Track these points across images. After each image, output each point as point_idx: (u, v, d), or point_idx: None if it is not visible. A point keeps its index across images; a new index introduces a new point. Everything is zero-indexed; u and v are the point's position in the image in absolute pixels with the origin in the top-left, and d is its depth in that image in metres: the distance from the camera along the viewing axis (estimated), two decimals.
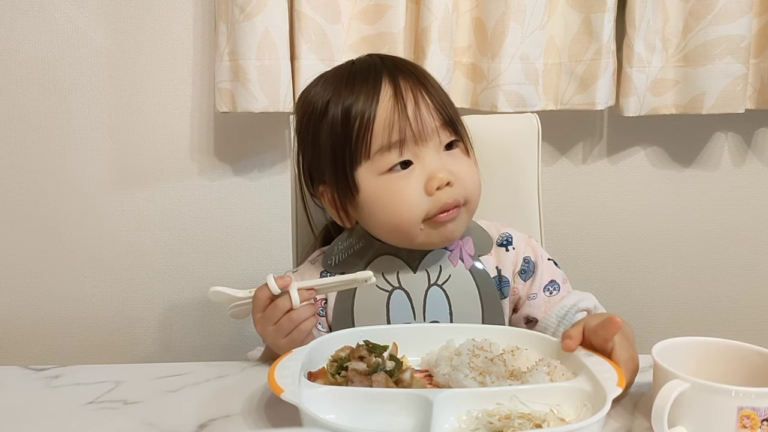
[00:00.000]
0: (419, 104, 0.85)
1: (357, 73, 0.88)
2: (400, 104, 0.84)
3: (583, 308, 0.90)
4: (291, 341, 0.83)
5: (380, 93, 0.85)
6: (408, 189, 0.85)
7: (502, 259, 0.94)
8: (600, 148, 1.52)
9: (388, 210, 0.86)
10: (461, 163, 0.88)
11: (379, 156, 0.85)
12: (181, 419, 0.71)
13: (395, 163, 0.85)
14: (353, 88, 0.86)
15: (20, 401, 0.77)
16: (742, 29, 1.34)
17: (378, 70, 0.87)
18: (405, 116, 0.84)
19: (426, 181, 0.84)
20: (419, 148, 0.85)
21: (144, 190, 1.47)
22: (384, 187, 0.86)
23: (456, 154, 0.88)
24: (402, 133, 0.84)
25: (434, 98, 0.87)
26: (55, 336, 1.52)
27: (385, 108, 0.84)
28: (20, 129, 1.44)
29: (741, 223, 1.55)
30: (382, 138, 0.84)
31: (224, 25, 1.32)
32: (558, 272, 0.95)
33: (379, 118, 0.84)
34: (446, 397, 0.64)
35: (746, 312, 1.58)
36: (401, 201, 0.85)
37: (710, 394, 0.61)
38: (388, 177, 0.86)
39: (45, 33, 1.41)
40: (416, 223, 0.86)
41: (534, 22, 1.35)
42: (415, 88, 0.86)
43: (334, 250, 0.95)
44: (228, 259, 1.50)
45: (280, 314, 0.82)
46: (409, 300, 0.91)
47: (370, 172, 0.86)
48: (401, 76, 0.87)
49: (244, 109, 1.33)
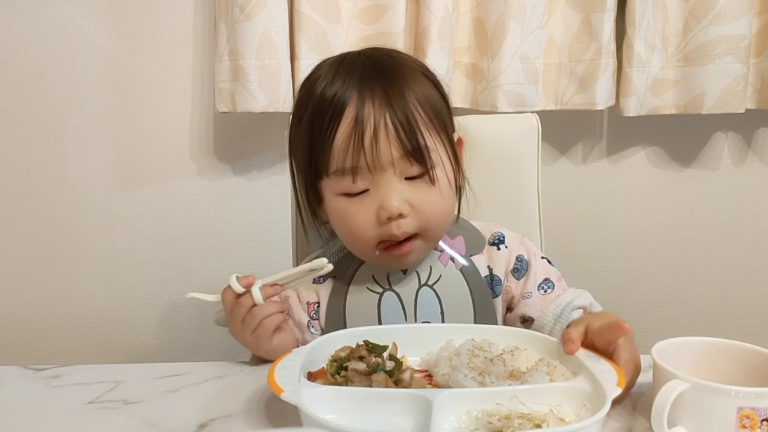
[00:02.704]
0: (378, 134, 0.81)
1: (335, 78, 0.84)
2: (358, 131, 0.81)
3: (579, 306, 0.89)
4: (256, 338, 0.84)
5: (344, 113, 0.82)
6: (360, 214, 0.84)
7: (493, 258, 0.94)
8: (600, 148, 1.52)
9: (343, 230, 0.87)
10: (421, 194, 0.84)
11: (335, 177, 0.84)
12: (181, 419, 0.71)
13: (350, 191, 0.84)
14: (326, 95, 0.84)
15: (20, 401, 0.77)
16: (742, 29, 1.34)
17: (350, 83, 0.83)
18: (360, 145, 0.81)
19: (377, 210, 0.83)
20: (374, 176, 0.82)
21: (144, 190, 1.47)
22: (340, 208, 0.85)
23: (418, 184, 0.84)
24: (356, 161, 0.81)
25: (400, 124, 0.81)
26: (55, 336, 1.52)
27: (344, 132, 0.82)
28: (20, 129, 1.44)
29: (741, 223, 1.55)
30: (338, 161, 0.82)
31: (224, 25, 1.32)
32: (552, 270, 0.95)
33: (338, 141, 0.82)
34: (446, 397, 0.64)
35: (746, 312, 1.58)
36: (354, 225, 0.84)
37: (710, 394, 0.61)
38: (344, 199, 0.85)
39: (45, 33, 1.41)
40: (369, 248, 0.86)
41: (534, 22, 1.35)
42: (379, 112, 0.81)
43: (327, 253, 0.95)
44: (228, 259, 1.50)
45: (244, 312, 0.84)
46: (399, 301, 0.91)
47: (329, 189, 0.86)
48: (370, 94, 0.82)
49: (244, 109, 1.33)
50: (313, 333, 0.93)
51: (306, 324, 0.93)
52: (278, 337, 0.86)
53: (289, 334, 0.89)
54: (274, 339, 0.85)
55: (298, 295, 0.94)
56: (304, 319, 0.93)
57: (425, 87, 0.87)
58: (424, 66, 0.91)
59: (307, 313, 0.93)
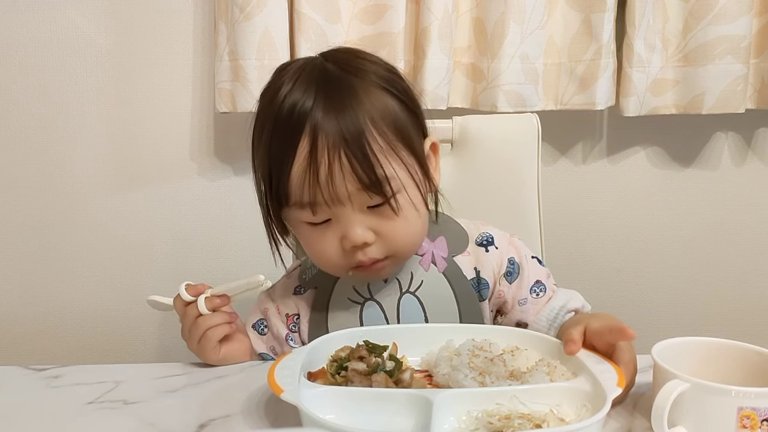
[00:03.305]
0: (333, 169, 0.77)
1: (290, 101, 0.79)
2: (313, 167, 0.77)
3: (572, 309, 0.89)
4: (201, 348, 0.85)
5: (297, 148, 0.78)
6: (325, 244, 0.82)
7: (481, 260, 0.91)
8: (600, 148, 1.52)
9: (312, 255, 0.86)
10: (385, 222, 0.81)
11: (296, 209, 0.81)
12: (181, 419, 0.71)
13: (311, 220, 0.82)
14: (280, 118, 0.80)
15: (20, 401, 0.77)
16: (742, 29, 1.34)
17: (302, 114, 0.78)
18: (316, 182, 0.77)
19: (341, 239, 0.81)
20: (334, 209, 0.80)
21: (144, 190, 1.47)
22: (305, 235, 0.84)
23: (381, 211, 0.81)
24: (313, 197, 0.79)
25: (355, 158, 0.77)
26: (55, 336, 1.52)
27: (299, 167, 0.78)
28: (20, 129, 1.44)
29: (741, 223, 1.55)
30: (296, 195, 0.79)
31: (224, 25, 1.32)
32: (542, 271, 0.93)
33: (294, 175, 0.78)
34: (446, 397, 0.64)
35: (746, 312, 1.58)
36: (321, 253, 0.83)
37: (710, 394, 0.61)
38: (307, 227, 0.83)
39: (45, 33, 1.41)
40: (342, 270, 0.85)
41: (534, 22, 1.35)
42: (333, 147, 0.77)
43: (308, 264, 0.94)
44: (228, 259, 1.50)
45: (190, 321, 0.85)
46: (381, 310, 0.89)
47: (292, 217, 0.84)
48: (324, 130, 0.77)
49: (244, 109, 1.33)
50: (292, 346, 0.91)
51: (284, 337, 0.91)
52: (226, 348, 0.86)
53: (241, 344, 0.89)
54: (222, 350, 0.85)
55: (277, 307, 0.93)
56: (283, 332, 0.91)
57: (381, 102, 0.81)
58: (384, 73, 0.84)
59: (286, 325, 0.92)
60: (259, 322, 0.94)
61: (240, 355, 0.88)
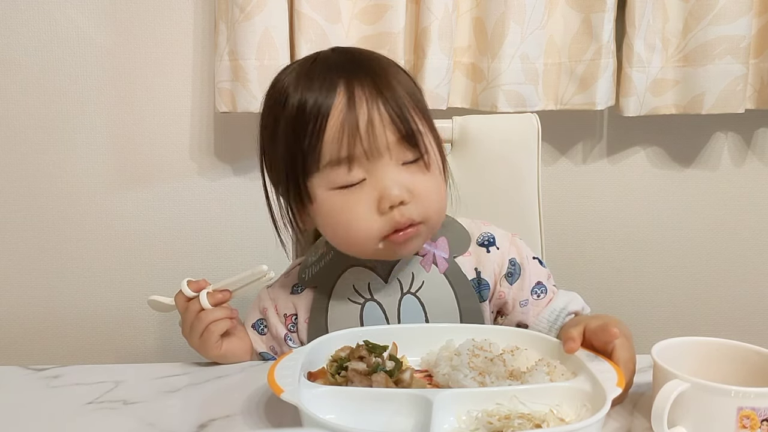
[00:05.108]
0: (373, 118, 0.78)
1: (316, 73, 0.81)
2: (352, 118, 0.77)
3: (572, 311, 0.89)
4: (203, 343, 0.85)
5: (333, 102, 0.78)
6: (359, 207, 0.79)
7: (482, 261, 0.90)
8: (600, 148, 1.52)
9: (341, 226, 0.82)
10: (420, 180, 0.81)
11: (329, 169, 0.79)
12: (181, 419, 0.71)
13: (345, 182, 0.79)
14: (310, 88, 0.80)
15: (20, 401, 0.77)
16: (742, 29, 1.34)
17: (335, 74, 0.80)
18: (356, 131, 0.77)
19: (377, 200, 0.79)
20: (371, 163, 0.79)
21: (144, 190, 1.47)
22: (336, 203, 0.80)
23: (413, 170, 0.81)
24: (351, 149, 0.78)
25: (392, 109, 0.79)
26: (55, 336, 1.52)
27: (336, 120, 0.78)
28: (20, 129, 1.44)
29: (741, 223, 1.55)
30: (332, 152, 0.78)
31: (224, 25, 1.32)
32: (543, 271, 0.92)
33: (330, 131, 0.78)
34: (446, 397, 0.64)
35: (746, 312, 1.58)
36: (353, 220, 0.80)
37: (710, 394, 0.61)
38: (339, 192, 0.80)
39: (45, 33, 1.41)
40: (372, 241, 0.81)
41: (534, 22, 1.35)
42: (371, 98, 0.79)
43: (307, 263, 0.94)
44: (228, 259, 1.50)
45: (192, 316, 0.85)
46: (382, 311, 0.88)
47: (322, 185, 0.81)
48: (358, 82, 0.79)
49: (244, 109, 1.33)
50: (291, 346, 0.91)
51: (283, 337, 0.91)
52: (228, 343, 0.86)
53: (241, 341, 0.89)
54: (223, 345, 0.86)
55: (276, 306, 0.93)
56: (282, 332, 0.91)
57: (406, 80, 0.85)
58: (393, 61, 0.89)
59: (285, 325, 0.92)
60: (259, 322, 0.94)
61: (241, 352, 0.88)
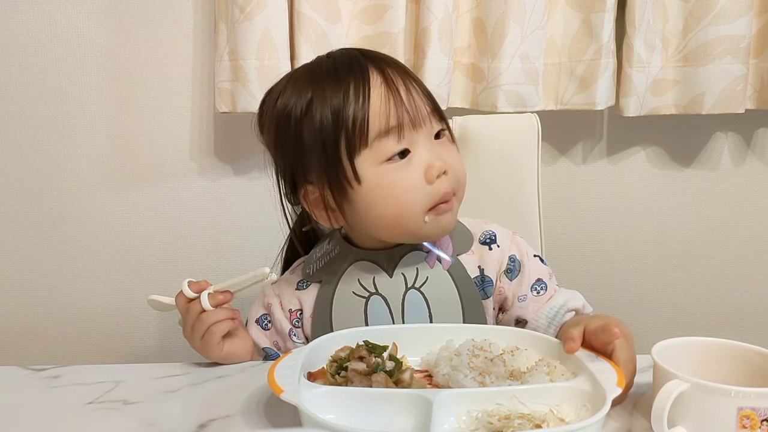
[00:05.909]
0: (410, 90, 0.85)
1: (339, 66, 0.86)
2: (393, 89, 0.83)
3: (572, 308, 0.89)
4: (205, 344, 0.85)
5: (370, 80, 0.83)
6: (410, 178, 0.83)
7: (485, 258, 0.92)
8: (600, 148, 1.52)
9: (391, 201, 0.84)
10: (450, 152, 0.87)
11: (378, 143, 0.83)
12: (181, 419, 0.71)
13: (395, 152, 0.83)
14: (339, 80, 0.84)
15: (20, 401, 0.77)
16: (742, 29, 1.34)
17: (362, 60, 0.86)
18: (400, 101, 0.83)
19: (425, 169, 0.83)
20: (415, 133, 0.84)
21: (144, 190, 1.47)
22: (385, 177, 0.83)
23: (444, 143, 0.88)
24: (399, 118, 0.83)
25: (420, 86, 0.87)
26: (55, 336, 1.52)
27: (378, 94, 0.83)
28: (20, 129, 1.44)
29: (741, 223, 1.55)
30: (380, 124, 0.82)
31: (224, 25, 1.32)
32: (544, 269, 0.93)
33: (374, 105, 0.82)
34: (446, 397, 0.64)
35: (746, 312, 1.58)
36: (404, 191, 0.83)
37: (710, 395, 0.61)
38: (387, 167, 0.83)
39: (45, 33, 1.41)
40: (420, 213, 0.84)
41: (534, 22, 1.35)
42: (402, 75, 0.86)
43: (312, 259, 0.95)
44: (228, 259, 1.50)
45: (193, 318, 0.85)
46: (386, 305, 0.89)
47: (370, 161, 0.83)
48: (385, 64, 0.86)
49: (244, 109, 1.33)
50: (295, 341, 0.92)
51: (288, 332, 0.92)
52: (229, 344, 0.87)
53: (243, 341, 0.89)
54: (225, 346, 0.86)
55: (280, 302, 0.93)
56: (286, 327, 0.92)
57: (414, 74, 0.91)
58: None
59: (289, 320, 0.92)
60: (263, 317, 0.94)
61: (242, 353, 0.88)
